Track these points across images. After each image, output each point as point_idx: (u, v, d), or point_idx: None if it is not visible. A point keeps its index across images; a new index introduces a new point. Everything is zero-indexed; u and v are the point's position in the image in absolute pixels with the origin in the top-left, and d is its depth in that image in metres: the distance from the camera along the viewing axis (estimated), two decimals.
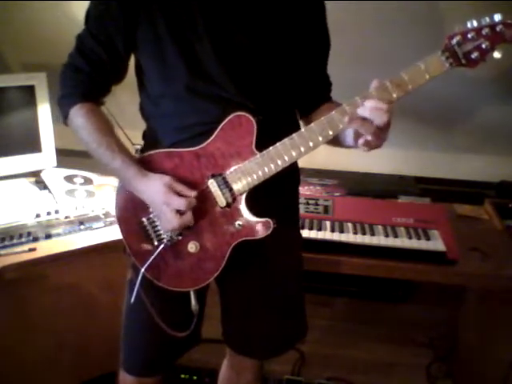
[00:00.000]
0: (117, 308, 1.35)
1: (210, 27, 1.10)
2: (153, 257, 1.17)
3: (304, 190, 1.96)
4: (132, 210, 1.20)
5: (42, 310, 1.65)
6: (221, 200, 1.12)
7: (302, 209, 1.77)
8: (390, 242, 1.64)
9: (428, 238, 1.66)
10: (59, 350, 1.71)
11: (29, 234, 1.62)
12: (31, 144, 1.95)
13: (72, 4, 2.07)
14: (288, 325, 1.37)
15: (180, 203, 1.08)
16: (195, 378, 2.04)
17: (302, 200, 1.83)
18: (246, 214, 1.12)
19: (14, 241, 1.58)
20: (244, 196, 1.12)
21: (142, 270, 1.18)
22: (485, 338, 1.95)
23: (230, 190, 1.11)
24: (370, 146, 1.05)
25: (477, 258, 1.66)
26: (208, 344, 1.57)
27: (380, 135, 1.03)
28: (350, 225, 1.72)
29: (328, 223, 1.73)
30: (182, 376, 2.04)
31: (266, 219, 1.11)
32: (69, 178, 1.96)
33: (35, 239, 1.60)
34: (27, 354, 1.64)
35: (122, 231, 1.23)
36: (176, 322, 1.24)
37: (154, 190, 1.10)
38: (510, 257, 1.69)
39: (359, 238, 1.65)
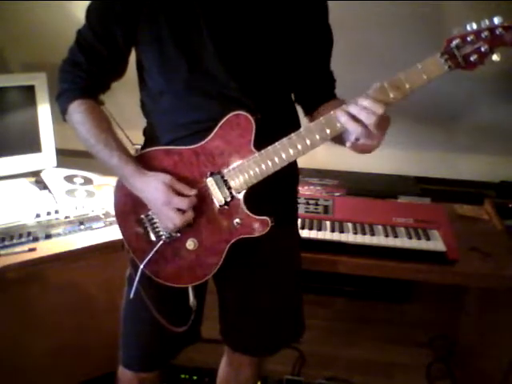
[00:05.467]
0: (117, 308, 1.35)
1: (211, 24, 1.10)
2: (151, 253, 1.17)
3: (304, 190, 1.96)
4: (131, 207, 1.20)
5: (41, 310, 1.65)
6: (219, 198, 1.12)
7: (301, 209, 1.77)
8: (390, 241, 1.64)
9: (428, 238, 1.65)
10: (59, 349, 1.71)
11: (29, 234, 1.62)
12: (31, 144, 1.95)
13: (72, 4, 2.07)
14: (284, 323, 1.37)
15: (181, 202, 1.08)
16: (195, 377, 2.04)
17: (301, 200, 1.83)
18: (244, 212, 1.12)
19: (14, 241, 1.58)
20: (242, 194, 1.12)
21: (141, 266, 1.19)
22: (485, 338, 1.95)
23: (229, 188, 1.12)
24: (356, 148, 1.05)
25: (477, 257, 1.66)
26: (208, 344, 1.57)
27: (368, 137, 1.01)
28: (350, 225, 1.72)
29: (328, 223, 1.73)
30: (182, 376, 2.05)
31: (264, 217, 1.11)
32: (69, 178, 1.96)
33: (35, 239, 1.60)
34: (27, 353, 1.64)
35: (121, 227, 1.23)
36: (174, 317, 1.25)
37: (154, 188, 1.10)
38: (510, 257, 1.69)
39: (359, 238, 1.65)
